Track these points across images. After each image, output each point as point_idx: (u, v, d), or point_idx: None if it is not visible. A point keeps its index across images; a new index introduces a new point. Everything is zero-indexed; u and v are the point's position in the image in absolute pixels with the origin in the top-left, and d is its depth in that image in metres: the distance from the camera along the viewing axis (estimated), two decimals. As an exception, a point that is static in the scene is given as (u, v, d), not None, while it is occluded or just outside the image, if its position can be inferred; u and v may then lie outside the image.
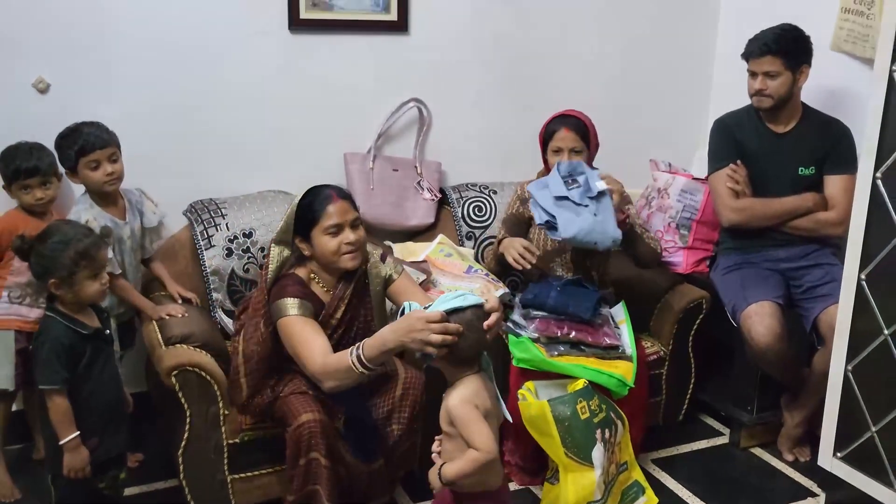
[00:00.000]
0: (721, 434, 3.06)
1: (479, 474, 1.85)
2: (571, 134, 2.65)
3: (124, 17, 2.71)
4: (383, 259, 2.38)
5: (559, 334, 2.51)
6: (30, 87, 2.63)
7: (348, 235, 2.20)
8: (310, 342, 2.13)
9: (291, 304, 2.17)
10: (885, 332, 2.27)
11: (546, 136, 2.71)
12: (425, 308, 1.91)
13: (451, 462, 1.87)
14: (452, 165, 3.27)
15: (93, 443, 1.99)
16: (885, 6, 2.18)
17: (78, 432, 1.97)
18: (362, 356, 2.00)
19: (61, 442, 1.96)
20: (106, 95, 2.72)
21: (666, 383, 2.95)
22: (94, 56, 2.70)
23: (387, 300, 2.42)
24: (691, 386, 3.01)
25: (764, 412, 2.93)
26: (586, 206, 2.48)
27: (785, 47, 2.70)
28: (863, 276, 2.33)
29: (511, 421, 2.05)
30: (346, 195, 2.26)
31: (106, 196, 2.50)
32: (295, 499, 2.20)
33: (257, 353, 2.27)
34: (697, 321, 2.93)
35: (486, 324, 1.90)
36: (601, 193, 2.49)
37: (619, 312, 2.74)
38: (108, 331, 2.07)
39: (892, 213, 2.21)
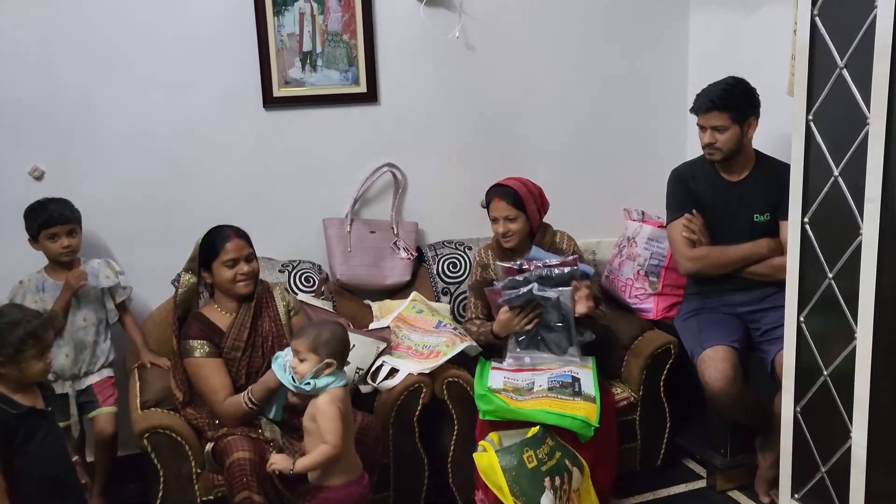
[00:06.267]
0: (700, 478, 3.07)
1: (323, 467, 2.23)
2: (503, 203, 2.83)
3: (110, 106, 2.94)
4: (289, 291, 2.76)
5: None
6: (26, 175, 2.87)
7: (243, 267, 2.56)
8: (212, 385, 2.49)
9: (194, 346, 2.52)
10: (825, 372, 2.31)
11: (486, 206, 2.91)
12: None
13: (305, 456, 2.24)
14: (429, 224, 3.40)
15: None
16: (797, 58, 2.28)
17: None
18: (251, 395, 2.44)
19: None
20: (96, 179, 2.95)
21: (639, 429, 2.99)
22: (84, 144, 2.93)
23: None
24: (667, 430, 3.04)
25: (738, 455, 2.94)
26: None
27: (730, 102, 2.72)
28: (802, 319, 2.38)
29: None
30: (242, 234, 2.61)
31: (62, 264, 2.71)
32: None
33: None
34: (667, 366, 2.98)
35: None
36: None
37: (587, 360, 2.82)
38: (49, 408, 2.13)
39: (821, 255, 2.28)
